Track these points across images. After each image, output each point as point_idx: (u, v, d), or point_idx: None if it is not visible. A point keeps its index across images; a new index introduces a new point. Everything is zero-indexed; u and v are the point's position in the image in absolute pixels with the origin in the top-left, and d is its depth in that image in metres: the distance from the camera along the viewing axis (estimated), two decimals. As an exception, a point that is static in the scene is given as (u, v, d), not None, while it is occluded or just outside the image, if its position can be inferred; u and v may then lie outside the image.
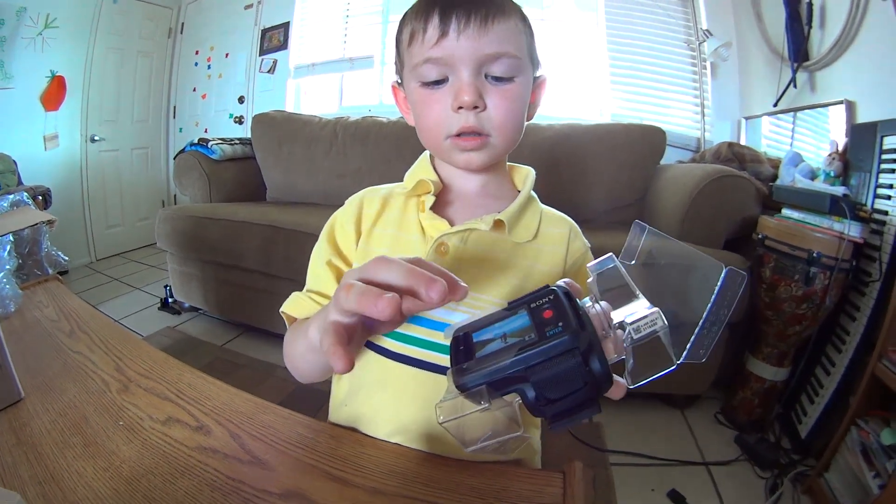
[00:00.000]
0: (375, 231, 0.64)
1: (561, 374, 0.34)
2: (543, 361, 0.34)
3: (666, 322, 0.34)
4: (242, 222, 2.12)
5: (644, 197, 2.25)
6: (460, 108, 0.54)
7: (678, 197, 1.88)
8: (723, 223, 1.80)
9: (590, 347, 0.34)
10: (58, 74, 3.28)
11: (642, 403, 1.85)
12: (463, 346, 0.39)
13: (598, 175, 2.27)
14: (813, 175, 1.76)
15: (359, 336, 0.45)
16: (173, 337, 2.33)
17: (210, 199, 2.58)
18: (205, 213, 2.25)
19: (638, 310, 0.35)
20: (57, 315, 0.83)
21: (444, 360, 0.57)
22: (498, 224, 0.60)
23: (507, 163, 0.68)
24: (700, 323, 0.34)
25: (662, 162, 2.31)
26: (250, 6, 3.67)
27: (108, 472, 0.46)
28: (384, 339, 0.60)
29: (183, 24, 3.98)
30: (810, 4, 2.05)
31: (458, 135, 0.56)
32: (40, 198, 2.75)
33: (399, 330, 0.58)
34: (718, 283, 0.33)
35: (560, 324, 0.35)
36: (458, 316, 0.58)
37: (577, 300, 0.38)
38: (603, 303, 0.38)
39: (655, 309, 0.34)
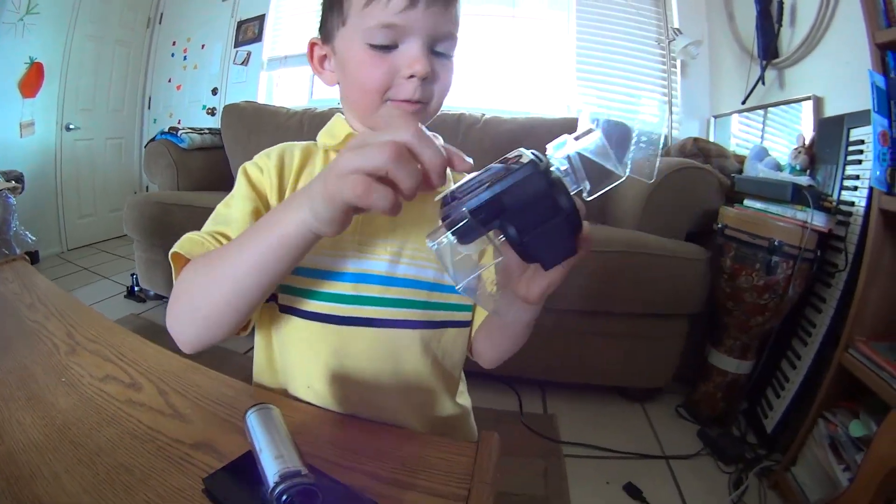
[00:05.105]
0: (300, 186, 0.63)
1: (531, 198, 0.38)
2: (512, 186, 0.37)
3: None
4: (207, 208, 2.07)
5: (605, 189, 2.24)
6: (412, 76, 0.55)
7: (638, 188, 1.88)
8: (684, 215, 1.80)
9: (554, 181, 0.38)
10: (37, 61, 3.22)
11: (599, 396, 1.84)
12: (450, 197, 0.42)
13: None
14: (779, 169, 1.77)
15: None
16: (136, 324, 2.30)
17: (178, 187, 2.57)
18: (171, 200, 2.25)
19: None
20: (20, 289, 0.85)
21: (341, 309, 0.60)
22: None
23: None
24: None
25: (627, 157, 2.30)
26: (228, -3, 3.66)
27: (44, 420, 0.50)
28: (281, 296, 0.61)
29: (162, 14, 3.93)
30: (781, 3, 2.08)
31: (402, 100, 0.58)
32: (14, 182, 2.70)
33: (290, 283, 0.60)
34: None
35: (523, 160, 0.39)
36: (371, 263, 0.61)
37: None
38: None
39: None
